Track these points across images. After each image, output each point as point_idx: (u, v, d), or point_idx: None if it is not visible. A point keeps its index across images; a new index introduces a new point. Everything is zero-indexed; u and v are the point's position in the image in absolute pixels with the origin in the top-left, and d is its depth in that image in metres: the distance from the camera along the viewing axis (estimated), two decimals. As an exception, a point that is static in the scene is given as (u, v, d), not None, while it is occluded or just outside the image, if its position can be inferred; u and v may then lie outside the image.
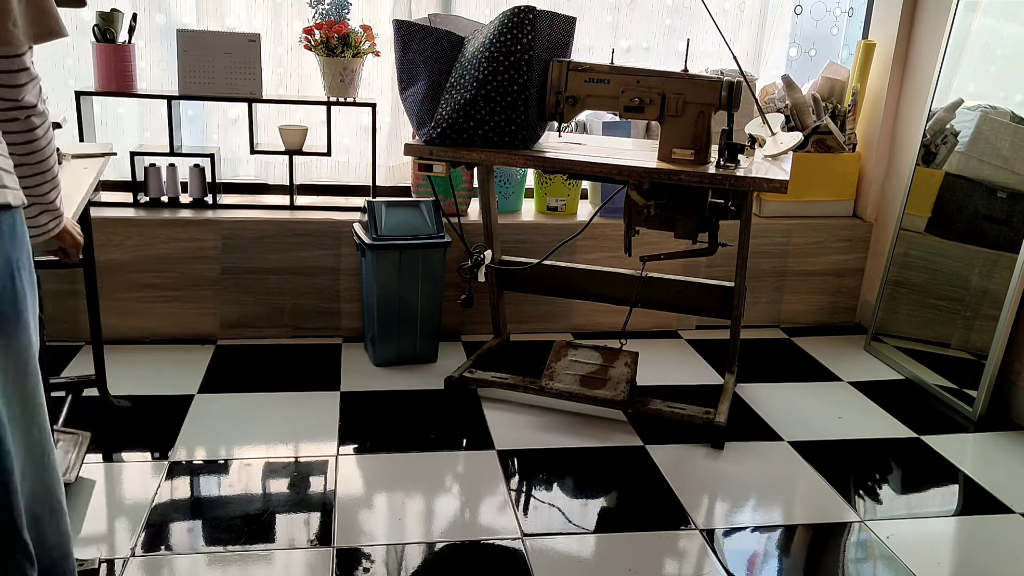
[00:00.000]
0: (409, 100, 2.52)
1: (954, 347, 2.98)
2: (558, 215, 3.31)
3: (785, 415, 2.75)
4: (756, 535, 2.12)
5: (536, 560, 1.97)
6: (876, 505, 2.27)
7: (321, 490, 2.21)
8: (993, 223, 2.86)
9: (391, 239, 2.85)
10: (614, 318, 3.33)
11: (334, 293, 3.15)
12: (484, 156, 2.46)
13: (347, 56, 2.99)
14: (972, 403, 2.79)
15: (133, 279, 3.01)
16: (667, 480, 2.33)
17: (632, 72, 2.37)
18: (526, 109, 2.40)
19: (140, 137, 3.25)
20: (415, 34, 2.45)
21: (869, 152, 3.48)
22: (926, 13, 3.24)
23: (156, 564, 1.90)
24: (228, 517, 2.08)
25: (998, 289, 2.77)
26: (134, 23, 2.94)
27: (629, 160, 2.41)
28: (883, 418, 2.77)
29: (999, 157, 2.85)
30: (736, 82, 2.31)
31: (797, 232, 3.41)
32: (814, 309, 3.53)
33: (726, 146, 2.34)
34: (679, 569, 1.97)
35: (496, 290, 3.06)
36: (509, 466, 2.38)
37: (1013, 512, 2.26)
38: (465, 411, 2.68)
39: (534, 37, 2.34)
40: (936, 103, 3.07)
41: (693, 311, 2.92)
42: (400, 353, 2.98)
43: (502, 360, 3.05)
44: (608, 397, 2.58)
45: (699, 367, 3.11)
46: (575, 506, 2.21)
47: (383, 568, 1.93)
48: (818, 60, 3.59)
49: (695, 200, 2.43)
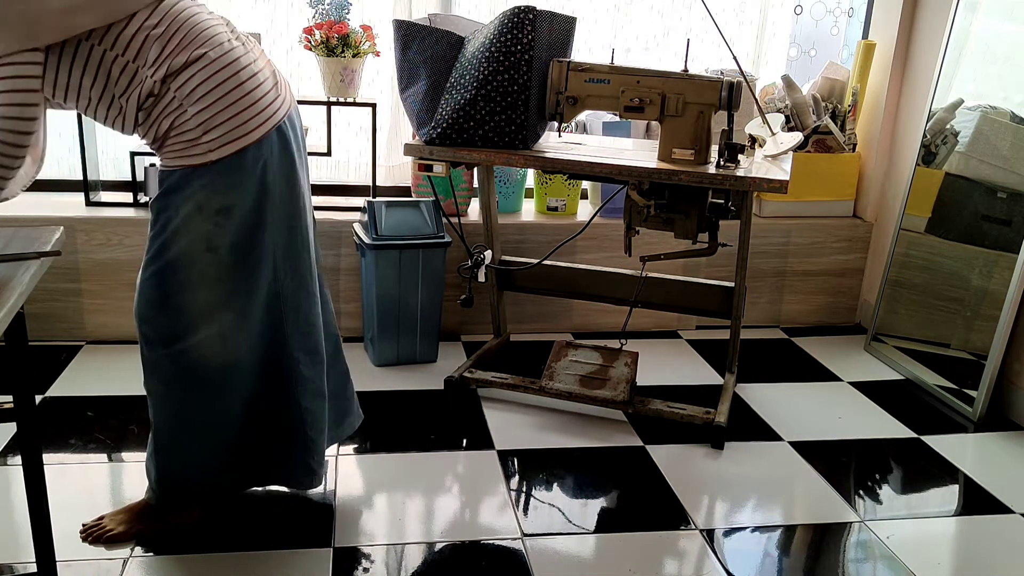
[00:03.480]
0: (409, 100, 2.52)
1: (954, 347, 2.98)
2: (558, 215, 3.32)
3: (785, 415, 2.75)
4: (756, 535, 2.12)
5: (536, 560, 1.97)
6: (876, 505, 2.27)
7: (321, 490, 2.21)
8: (993, 223, 2.86)
9: (391, 239, 2.85)
10: (614, 318, 3.33)
11: (334, 293, 3.15)
12: (484, 156, 2.46)
13: (347, 56, 2.99)
14: (972, 403, 2.79)
15: (132, 278, 2.99)
16: (667, 480, 2.33)
17: (632, 72, 2.37)
18: (526, 109, 2.40)
19: (140, 137, 3.25)
20: (415, 34, 2.45)
21: (869, 152, 3.48)
22: (926, 13, 3.24)
23: (156, 564, 1.90)
24: (228, 517, 2.07)
25: (998, 289, 2.77)
26: (134, 23, 2.94)
27: (629, 160, 2.41)
28: (883, 418, 2.77)
29: (999, 157, 2.85)
30: (736, 82, 2.31)
31: (797, 232, 3.41)
32: (814, 309, 3.53)
33: (726, 146, 2.34)
34: (679, 569, 1.97)
35: (496, 290, 3.06)
36: (509, 466, 2.38)
37: (1013, 512, 2.26)
38: (465, 411, 2.68)
39: (534, 37, 2.34)
40: (936, 103, 3.07)
41: (693, 311, 2.92)
42: (400, 353, 2.98)
43: (502, 360, 3.05)
44: (608, 397, 2.58)
45: (699, 367, 3.11)
46: (575, 506, 2.21)
47: (383, 568, 1.93)
48: (818, 60, 3.60)
49: (695, 200, 2.43)
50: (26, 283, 1.32)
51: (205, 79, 1.67)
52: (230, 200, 1.75)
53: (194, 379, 1.85)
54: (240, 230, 1.78)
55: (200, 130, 1.69)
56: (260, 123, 1.74)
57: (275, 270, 1.86)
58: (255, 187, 1.77)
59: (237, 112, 1.70)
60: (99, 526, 1.97)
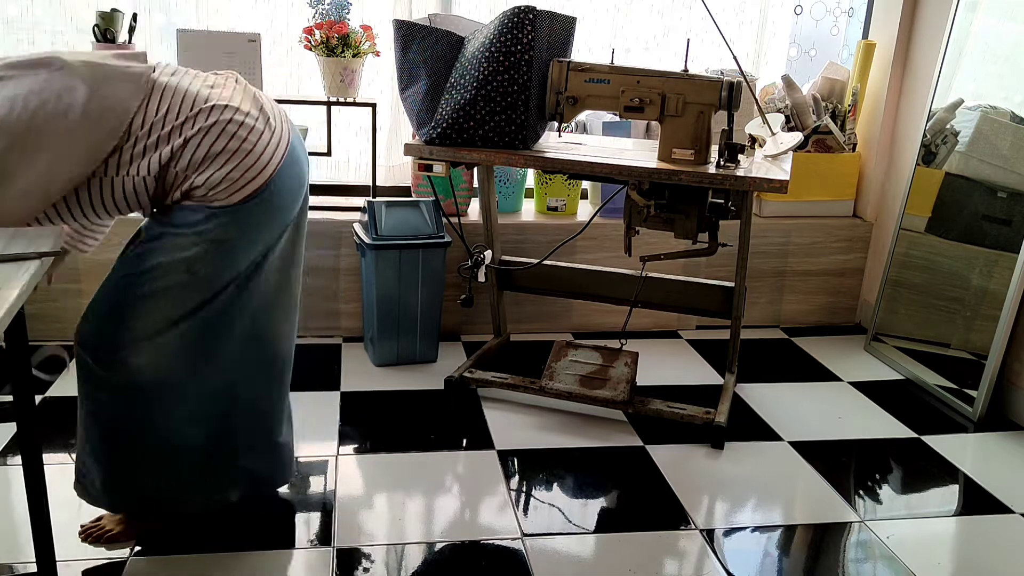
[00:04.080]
0: (409, 100, 2.52)
1: (954, 347, 2.98)
2: (558, 215, 3.32)
3: (785, 415, 2.75)
4: (756, 535, 2.12)
5: (536, 560, 1.97)
6: (876, 505, 2.27)
7: (321, 490, 2.21)
8: (993, 223, 2.86)
9: (391, 239, 2.85)
10: (614, 318, 3.33)
11: (334, 293, 3.15)
12: (484, 156, 2.46)
13: (347, 56, 2.99)
14: (972, 403, 2.79)
15: (133, 279, 3.00)
16: (667, 480, 2.33)
17: (632, 72, 2.37)
18: (526, 109, 2.40)
19: (140, 137, 3.25)
20: (415, 34, 2.45)
21: (869, 152, 3.48)
22: (926, 13, 3.24)
23: (156, 564, 1.90)
24: (227, 517, 2.07)
25: (998, 289, 2.77)
26: (134, 23, 2.94)
27: (629, 160, 2.41)
28: (883, 418, 2.77)
29: (999, 157, 2.85)
30: (736, 82, 2.31)
31: (797, 232, 3.41)
32: (814, 309, 3.53)
33: (726, 146, 2.34)
34: (679, 569, 1.97)
35: (496, 290, 3.06)
36: (509, 466, 2.38)
37: (1013, 512, 2.26)
38: (465, 411, 2.68)
39: (534, 37, 2.34)
40: (936, 103, 3.07)
41: (693, 311, 2.92)
42: (400, 353, 2.98)
43: (502, 360, 3.05)
44: (608, 397, 2.58)
45: (699, 367, 3.11)
46: (575, 506, 2.21)
47: (383, 568, 1.93)
48: (818, 60, 3.60)
49: (695, 200, 2.43)
50: (26, 283, 1.32)
51: (204, 152, 1.69)
52: (230, 234, 1.75)
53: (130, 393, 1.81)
54: (227, 262, 1.77)
55: (205, 188, 1.71)
56: (261, 169, 1.74)
57: (248, 301, 1.85)
58: (261, 226, 1.79)
59: (236, 167, 1.72)
60: (98, 526, 1.97)
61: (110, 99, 1.63)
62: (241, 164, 1.72)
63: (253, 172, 1.73)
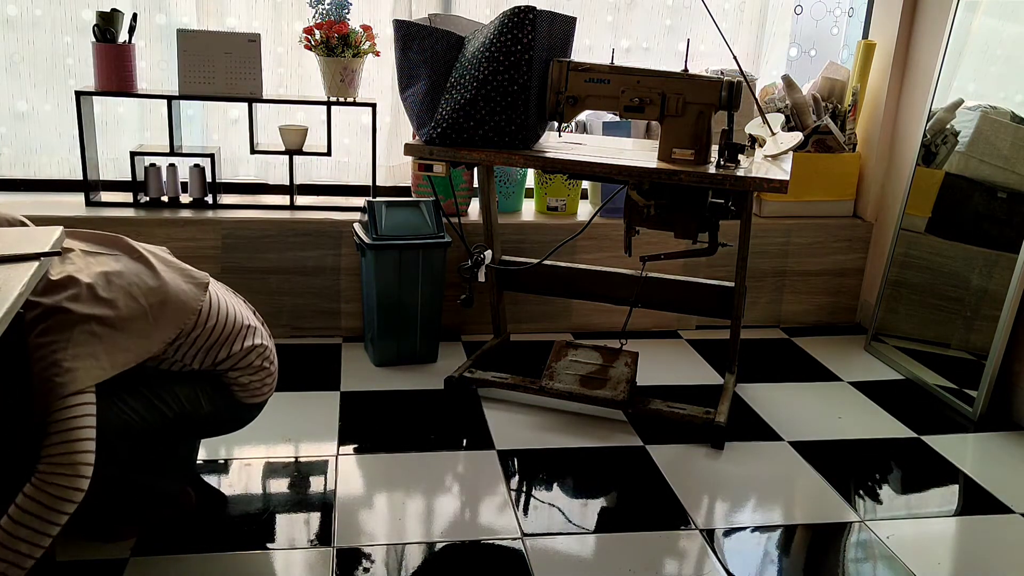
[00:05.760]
0: (409, 100, 2.52)
1: (954, 347, 2.98)
2: (558, 215, 3.32)
3: (785, 415, 2.75)
4: (756, 535, 2.12)
5: (536, 560, 1.97)
6: (876, 505, 2.27)
7: (321, 490, 2.22)
8: (993, 223, 2.86)
9: (391, 239, 2.85)
10: (614, 318, 3.33)
11: (334, 293, 3.15)
12: (484, 156, 2.46)
13: (347, 56, 2.99)
14: (972, 403, 2.79)
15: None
16: (667, 480, 2.33)
17: (632, 72, 2.37)
18: (526, 109, 2.40)
19: (140, 137, 3.25)
20: (415, 34, 2.45)
21: (869, 152, 3.48)
22: (926, 13, 3.24)
23: (156, 564, 1.90)
24: (228, 517, 2.08)
25: (998, 289, 2.77)
26: (134, 23, 2.94)
27: (629, 160, 2.41)
28: (883, 418, 2.77)
29: (999, 157, 2.85)
30: (736, 82, 2.31)
31: (797, 232, 3.41)
32: (814, 309, 3.53)
33: (726, 146, 2.34)
34: (679, 569, 1.97)
35: (496, 290, 3.06)
36: (509, 466, 2.38)
37: (1013, 512, 2.26)
38: (465, 411, 2.68)
39: (534, 37, 2.34)
40: (936, 103, 3.07)
41: (693, 311, 2.92)
42: (400, 353, 2.98)
43: (502, 360, 3.05)
44: (608, 397, 2.58)
45: (699, 367, 3.11)
46: (575, 506, 2.21)
47: (383, 568, 1.93)
48: (818, 60, 3.60)
49: (695, 200, 2.43)
50: (26, 283, 1.32)
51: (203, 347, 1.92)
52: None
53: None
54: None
55: (197, 363, 1.93)
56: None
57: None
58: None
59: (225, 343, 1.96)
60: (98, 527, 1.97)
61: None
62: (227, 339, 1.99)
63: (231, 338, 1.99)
